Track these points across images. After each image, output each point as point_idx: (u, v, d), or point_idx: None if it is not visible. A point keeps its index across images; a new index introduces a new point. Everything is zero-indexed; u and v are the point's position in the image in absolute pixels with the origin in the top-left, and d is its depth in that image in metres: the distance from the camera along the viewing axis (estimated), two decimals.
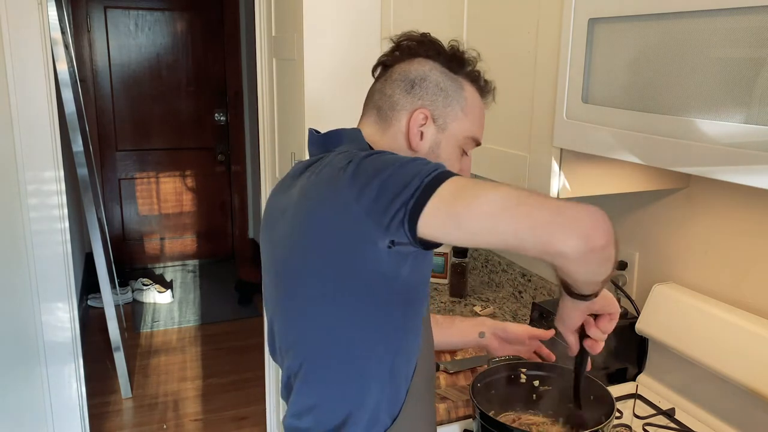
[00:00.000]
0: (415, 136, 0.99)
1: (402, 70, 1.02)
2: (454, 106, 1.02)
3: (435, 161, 0.84)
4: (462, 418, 1.31)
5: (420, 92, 1.00)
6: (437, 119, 1.01)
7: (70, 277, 2.33)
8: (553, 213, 0.73)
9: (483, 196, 0.74)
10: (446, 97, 1.01)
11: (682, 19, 0.91)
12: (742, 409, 1.20)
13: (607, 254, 0.75)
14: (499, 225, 0.73)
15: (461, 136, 1.03)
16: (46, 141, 2.19)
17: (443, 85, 1.01)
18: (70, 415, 2.42)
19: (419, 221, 0.76)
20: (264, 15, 2.34)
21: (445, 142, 1.01)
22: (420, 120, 0.99)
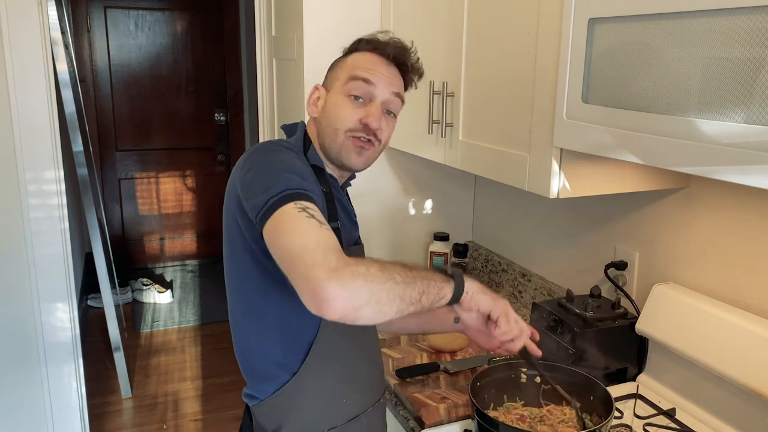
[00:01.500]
0: (310, 106, 1.21)
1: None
2: (337, 71, 1.19)
3: (327, 117, 1.16)
4: (462, 418, 1.31)
5: (325, 78, 1.23)
6: (327, 87, 1.20)
7: (70, 277, 2.33)
8: (311, 278, 0.85)
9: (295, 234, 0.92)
10: (333, 69, 1.22)
11: (682, 19, 0.91)
12: (742, 409, 1.20)
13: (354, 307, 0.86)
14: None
15: (341, 86, 1.17)
16: (46, 141, 2.19)
17: (335, 63, 1.23)
18: (70, 415, 2.42)
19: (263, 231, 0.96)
20: (264, 15, 2.34)
21: (331, 98, 1.18)
22: (314, 94, 1.21)
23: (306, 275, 0.85)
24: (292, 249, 0.89)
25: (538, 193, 1.29)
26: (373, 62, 1.17)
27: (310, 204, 0.96)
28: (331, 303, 0.83)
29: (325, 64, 2.00)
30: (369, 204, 2.10)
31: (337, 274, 0.84)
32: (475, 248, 2.23)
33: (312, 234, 0.90)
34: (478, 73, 1.50)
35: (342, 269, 0.85)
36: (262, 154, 1.07)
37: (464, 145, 1.56)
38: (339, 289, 0.83)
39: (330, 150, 1.16)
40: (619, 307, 1.47)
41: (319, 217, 0.94)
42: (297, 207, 0.94)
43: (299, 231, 0.90)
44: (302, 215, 0.92)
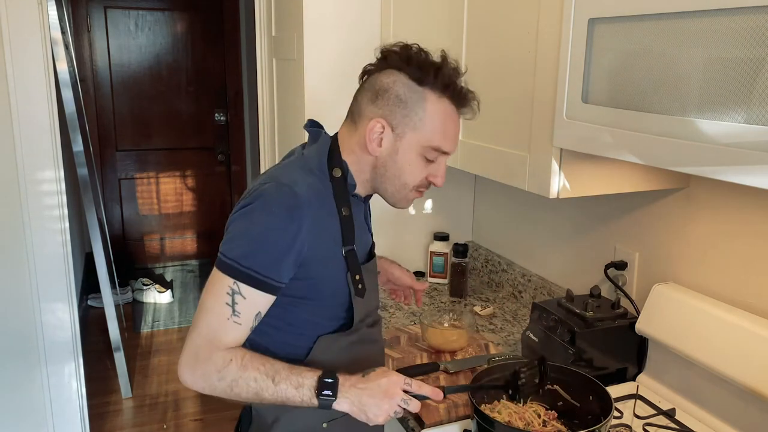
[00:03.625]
0: (370, 143, 1.11)
1: (372, 80, 1.13)
2: (413, 117, 1.09)
3: (394, 167, 1.12)
4: (462, 418, 1.31)
5: (381, 103, 1.10)
6: (396, 128, 1.10)
7: (70, 277, 2.33)
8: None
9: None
10: (405, 108, 1.09)
11: (682, 19, 0.91)
12: (742, 409, 1.20)
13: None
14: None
15: (419, 145, 1.11)
16: (46, 141, 2.20)
17: (404, 96, 1.09)
18: (70, 415, 2.42)
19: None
20: (264, 15, 2.34)
21: (403, 150, 1.11)
22: (377, 129, 1.10)
23: (184, 350, 1.06)
24: (195, 319, 1.07)
25: (538, 193, 1.29)
26: (451, 124, 1.12)
27: (248, 291, 1.04)
28: (181, 378, 1.06)
29: (325, 64, 1.99)
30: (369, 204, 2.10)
31: (191, 372, 1.04)
32: (475, 248, 2.23)
33: (211, 324, 1.05)
34: (477, 74, 1.50)
35: (197, 371, 1.04)
36: (258, 210, 1.05)
37: (464, 145, 1.56)
38: (187, 377, 1.05)
39: (386, 194, 1.17)
40: (619, 307, 1.47)
41: (239, 309, 1.04)
42: (230, 287, 1.04)
43: (208, 312, 1.05)
44: (224, 299, 1.04)
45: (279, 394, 1.04)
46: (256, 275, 1.04)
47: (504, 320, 1.85)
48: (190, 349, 1.05)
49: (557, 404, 1.25)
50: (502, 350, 1.62)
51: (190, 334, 1.06)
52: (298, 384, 1.04)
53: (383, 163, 1.12)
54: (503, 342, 1.69)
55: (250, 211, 1.05)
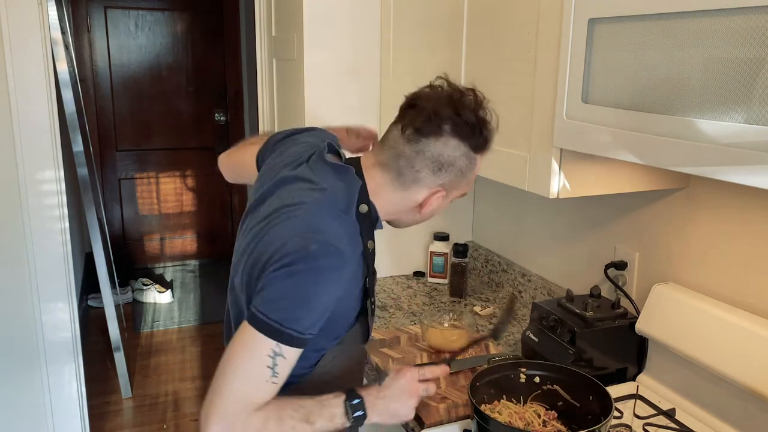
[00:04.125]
0: (427, 206, 1.14)
1: (436, 152, 1.09)
2: (462, 180, 1.14)
3: (430, 214, 1.17)
4: (462, 418, 1.31)
5: (444, 175, 1.11)
6: (448, 192, 1.14)
7: (70, 277, 2.33)
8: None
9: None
10: (461, 177, 1.13)
11: (682, 19, 0.91)
12: (742, 409, 1.20)
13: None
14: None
15: (455, 196, 1.18)
16: (46, 141, 2.20)
17: (464, 168, 1.12)
18: (70, 415, 2.42)
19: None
20: (264, 15, 2.34)
21: (445, 202, 1.17)
22: (437, 197, 1.13)
23: (209, 412, 0.98)
24: (226, 379, 1.00)
25: (538, 193, 1.29)
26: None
27: (290, 351, 1.01)
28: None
29: (325, 64, 2.00)
30: None
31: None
32: (475, 248, 2.23)
33: (251, 387, 1.00)
34: (477, 73, 1.50)
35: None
36: (308, 268, 1.01)
37: None
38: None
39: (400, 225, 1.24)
40: (618, 307, 1.47)
41: (279, 370, 1.00)
42: (271, 351, 0.99)
43: (246, 374, 1.00)
44: (266, 362, 1.00)
45: (318, 431, 1.05)
46: (299, 335, 1.01)
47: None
48: (221, 411, 0.98)
49: (557, 404, 1.25)
50: (502, 350, 1.62)
51: (218, 393, 0.99)
52: (331, 416, 1.06)
53: (419, 210, 1.16)
54: (503, 342, 1.69)
55: (295, 273, 1.00)
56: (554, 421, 1.21)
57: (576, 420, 1.20)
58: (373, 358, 1.55)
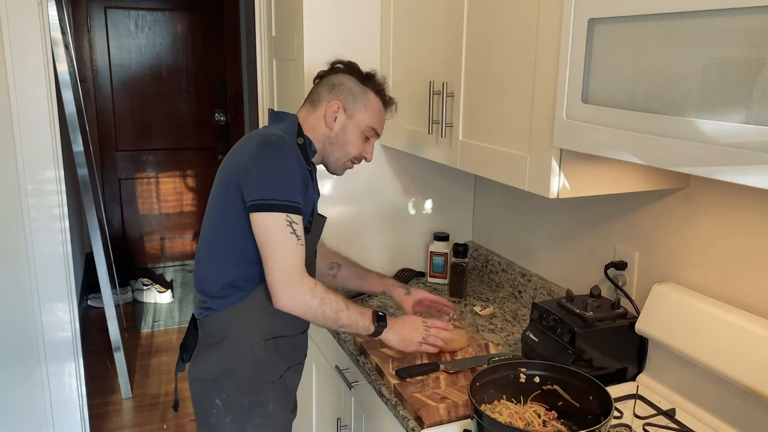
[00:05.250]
0: (329, 118, 1.49)
1: (328, 78, 1.53)
2: (359, 104, 1.51)
3: (344, 139, 1.50)
4: (461, 418, 1.31)
5: (337, 92, 1.50)
6: (347, 110, 1.50)
7: (70, 277, 2.33)
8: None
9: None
10: (354, 97, 1.50)
11: (682, 19, 0.91)
12: (742, 409, 1.20)
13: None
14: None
15: (363, 125, 1.51)
16: (46, 141, 2.20)
17: (354, 89, 1.51)
18: (70, 415, 2.42)
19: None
20: (264, 15, 2.34)
21: (351, 127, 1.51)
22: (334, 108, 1.49)
23: (274, 284, 1.31)
24: (272, 256, 1.31)
25: (538, 193, 1.29)
26: (382, 114, 1.55)
27: (297, 218, 1.32)
28: (281, 307, 1.32)
29: (326, 64, 2.00)
30: (369, 204, 2.10)
31: (291, 299, 1.31)
32: (475, 248, 2.23)
33: (289, 253, 1.31)
34: (478, 73, 1.50)
35: (295, 296, 1.31)
36: (273, 155, 1.33)
37: (464, 145, 1.56)
38: (287, 305, 1.32)
39: (328, 160, 1.54)
40: (618, 307, 1.47)
41: (299, 232, 1.32)
42: (286, 219, 1.30)
43: (282, 245, 1.31)
44: (288, 230, 1.30)
45: (351, 317, 1.39)
46: (295, 204, 1.31)
47: (504, 320, 1.85)
48: (280, 280, 1.30)
49: (557, 404, 1.25)
50: (502, 350, 1.62)
51: (271, 270, 1.30)
52: (362, 312, 1.41)
53: (335, 136, 1.50)
54: (503, 342, 1.69)
55: (267, 158, 1.32)
56: (554, 421, 1.21)
57: (576, 420, 1.20)
58: (373, 358, 1.55)
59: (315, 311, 1.34)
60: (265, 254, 1.32)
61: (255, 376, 1.45)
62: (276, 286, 1.30)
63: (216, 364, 1.44)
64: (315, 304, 1.33)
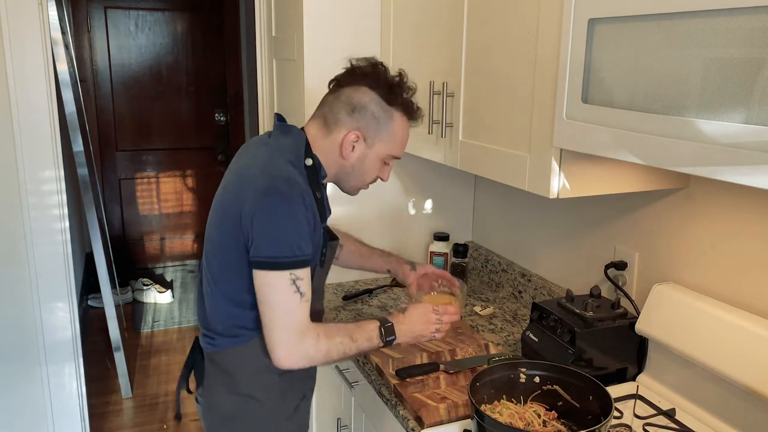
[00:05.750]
0: (345, 150, 1.33)
1: (348, 95, 1.32)
2: (383, 132, 1.33)
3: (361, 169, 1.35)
4: (461, 418, 1.31)
5: (358, 117, 1.32)
6: (367, 139, 1.33)
7: (70, 277, 2.33)
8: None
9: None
10: (377, 125, 1.33)
11: (682, 19, 0.91)
12: (742, 409, 1.20)
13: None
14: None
15: (384, 154, 1.36)
16: (46, 141, 2.20)
17: (377, 114, 1.32)
18: (70, 415, 2.42)
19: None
20: (264, 15, 2.34)
21: (371, 156, 1.35)
22: (352, 139, 1.32)
23: (273, 344, 1.22)
24: (272, 316, 1.22)
25: (538, 193, 1.29)
26: (407, 136, 1.39)
27: (302, 272, 1.22)
28: (282, 367, 1.24)
29: (325, 64, 2.00)
30: (369, 204, 2.10)
31: (290, 357, 1.22)
32: (475, 248, 2.23)
33: (291, 312, 1.22)
34: (478, 73, 1.50)
35: (297, 355, 1.23)
36: (279, 206, 1.21)
37: (464, 145, 1.56)
38: (287, 363, 1.23)
39: (344, 185, 1.41)
40: (618, 307, 1.47)
41: (303, 288, 1.22)
42: (290, 278, 1.21)
43: (284, 305, 1.21)
44: (291, 289, 1.21)
45: (360, 348, 1.30)
46: (302, 257, 1.22)
47: (504, 320, 1.85)
48: (279, 341, 1.21)
49: (557, 404, 1.25)
50: (502, 350, 1.62)
51: (270, 329, 1.22)
52: (369, 337, 1.32)
53: (351, 166, 1.35)
54: (503, 342, 1.69)
55: (273, 209, 1.20)
56: (554, 421, 1.21)
57: (576, 420, 1.20)
58: (373, 358, 1.55)
59: (321, 362, 1.27)
60: (264, 310, 1.22)
61: (271, 415, 1.37)
62: (275, 347, 1.21)
63: (229, 401, 1.35)
64: (319, 357, 1.25)
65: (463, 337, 1.67)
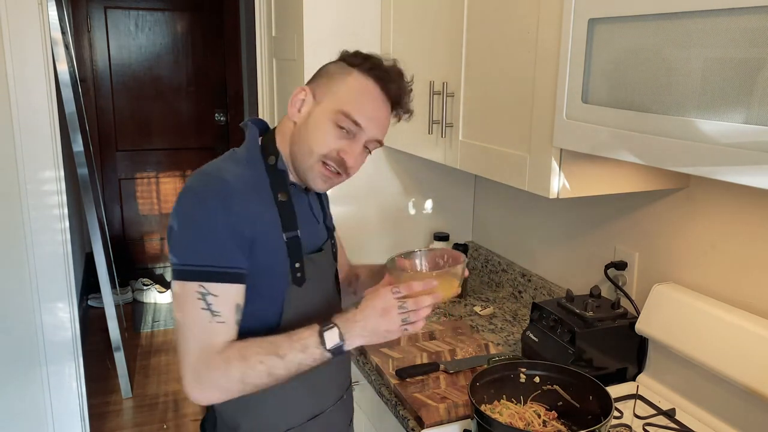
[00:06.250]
0: (292, 107, 1.15)
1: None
2: (332, 86, 1.13)
3: (306, 130, 1.12)
4: (462, 418, 1.31)
5: (314, 78, 1.18)
6: (316, 95, 1.14)
7: (70, 277, 2.33)
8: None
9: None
10: (329, 79, 1.15)
11: (681, 19, 0.91)
12: (742, 409, 1.20)
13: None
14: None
15: (332, 110, 1.11)
16: (46, 141, 2.19)
17: (332, 71, 1.15)
18: (70, 415, 2.42)
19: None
20: (264, 15, 2.34)
21: (317, 112, 1.13)
22: (300, 96, 1.15)
23: (181, 368, 1.05)
24: (180, 337, 1.05)
25: (538, 193, 1.29)
26: (370, 99, 1.13)
27: (219, 287, 1.03)
28: (192, 398, 1.04)
29: None
30: (369, 204, 2.10)
31: (199, 387, 1.03)
32: (475, 248, 2.23)
33: (197, 332, 1.03)
34: (478, 73, 1.50)
35: (204, 383, 1.03)
36: (192, 207, 1.05)
37: (464, 145, 1.56)
38: (197, 395, 1.04)
39: (297, 165, 1.15)
40: (618, 307, 1.47)
41: (216, 307, 1.03)
42: (199, 291, 1.02)
43: (190, 324, 1.04)
44: (199, 304, 1.03)
45: (290, 365, 1.04)
46: (214, 269, 1.03)
47: (504, 320, 1.85)
48: (187, 369, 1.03)
49: (557, 404, 1.25)
50: (502, 350, 1.62)
51: (182, 357, 1.04)
52: (304, 347, 1.04)
53: (298, 130, 1.14)
54: (503, 342, 1.69)
55: (181, 210, 1.06)
56: (554, 421, 1.21)
57: (576, 420, 1.20)
58: (373, 358, 1.55)
59: (240, 391, 1.04)
60: (176, 332, 1.06)
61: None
62: (184, 377, 1.03)
63: None
64: (234, 385, 1.03)
65: (463, 337, 1.67)
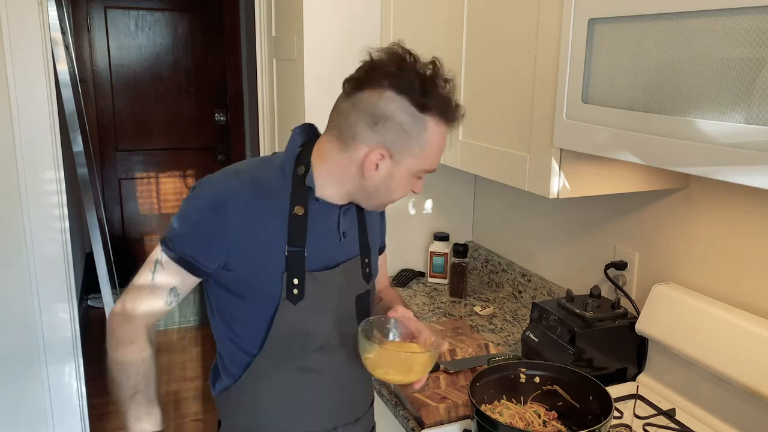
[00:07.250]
0: (368, 170, 1.06)
1: (370, 102, 1.03)
2: (413, 145, 1.05)
3: (387, 188, 1.09)
4: (462, 418, 1.31)
5: (382, 130, 1.03)
6: (394, 155, 1.05)
7: (70, 277, 2.33)
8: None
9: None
10: (407, 138, 1.04)
11: (682, 19, 0.91)
12: (742, 409, 1.20)
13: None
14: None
15: (415, 170, 1.08)
16: (46, 141, 2.19)
17: (407, 126, 1.03)
18: (70, 415, 2.42)
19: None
20: (264, 15, 2.34)
21: (399, 174, 1.08)
22: (376, 158, 1.05)
23: (122, 301, 1.18)
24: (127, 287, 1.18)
25: (538, 193, 1.29)
26: (444, 144, 1.10)
27: (167, 259, 1.11)
28: (108, 317, 1.18)
29: (325, 64, 2.00)
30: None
31: (112, 319, 1.17)
32: (475, 248, 2.23)
33: (134, 287, 1.16)
34: (477, 74, 1.50)
35: (114, 322, 1.16)
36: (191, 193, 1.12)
37: (464, 145, 1.56)
38: (111, 320, 1.17)
39: (365, 204, 1.15)
40: (618, 307, 1.47)
41: (159, 280, 1.13)
42: (158, 256, 1.12)
43: (138, 275, 1.16)
44: (150, 265, 1.13)
45: (123, 399, 1.19)
46: (175, 243, 1.10)
47: (504, 320, 1.85)
48: (122, 304, 1.16)
49: (557, 404, 1.25)
50: (502, 350, 1.62)
51: (125, 292, 1.17)
52: (137, 416, 1.25)
53: (374, 186, 1.08)
54: (503, 342, 1.69)
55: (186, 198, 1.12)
56: (554, 422, 1.21)
57: (576, 420, 1.20)
58: None
59: (112, 366, 1.15)
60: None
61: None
62: (117, 305, 1.17)
63: None
64: (112, 352, 1.14)
65: (463, 337, 1.67)
